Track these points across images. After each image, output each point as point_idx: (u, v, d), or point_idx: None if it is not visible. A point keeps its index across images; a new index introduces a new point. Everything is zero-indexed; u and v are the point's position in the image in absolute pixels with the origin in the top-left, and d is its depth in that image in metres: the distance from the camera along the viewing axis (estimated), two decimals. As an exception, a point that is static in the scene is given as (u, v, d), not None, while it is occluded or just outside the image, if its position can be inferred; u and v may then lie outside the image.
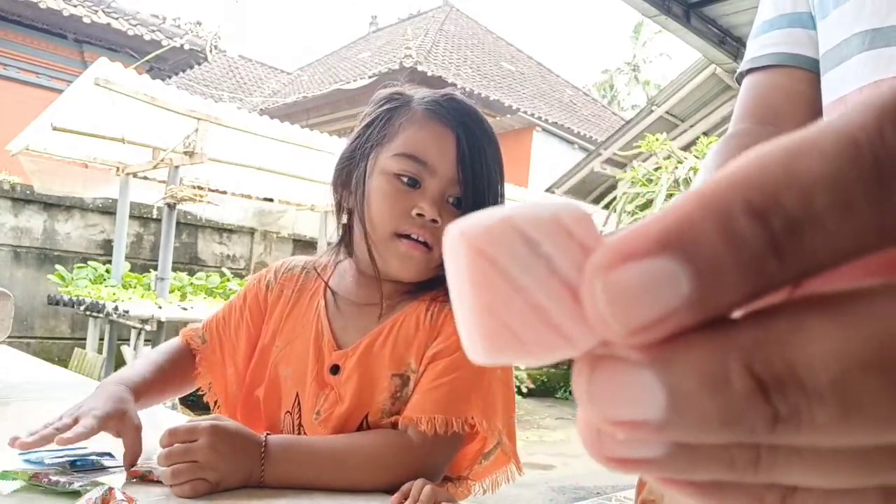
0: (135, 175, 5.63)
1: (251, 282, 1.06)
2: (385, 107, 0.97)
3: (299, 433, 0.94)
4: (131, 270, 5.69)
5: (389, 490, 0.82)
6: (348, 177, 0.95)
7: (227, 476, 0.78)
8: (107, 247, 6.09)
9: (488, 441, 0.90)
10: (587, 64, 70.30)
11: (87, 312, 4.76)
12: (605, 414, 0.13)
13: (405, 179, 0.89)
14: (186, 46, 9.45)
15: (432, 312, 0.92)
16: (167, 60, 9.55)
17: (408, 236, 0.89)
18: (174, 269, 5.25)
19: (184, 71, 10.59)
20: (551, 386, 9.36)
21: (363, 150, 0.94)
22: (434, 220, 0.88)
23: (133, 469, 0.82)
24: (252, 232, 6.97)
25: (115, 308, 4.36)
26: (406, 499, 0.79)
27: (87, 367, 4.98)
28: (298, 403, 0.94)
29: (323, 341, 0.95)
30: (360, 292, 0.97)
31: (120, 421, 0.84)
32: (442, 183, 0.89)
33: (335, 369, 0.93)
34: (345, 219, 0.98)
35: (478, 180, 0.90)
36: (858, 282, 0.13)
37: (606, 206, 8.01)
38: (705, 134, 8.36)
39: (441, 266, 0.85)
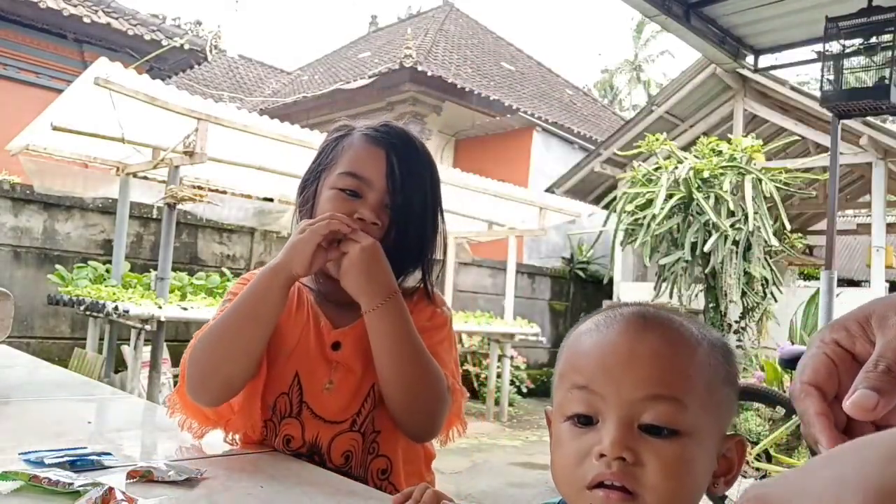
0: (135, 175, 5.63)
1: (236, 285, 1.14)
2: (333, 136, 1.15)
3: (300, 409, 1.04)
4: (131, 270, 5.69)
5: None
6: (305, 197, 1.13)
7: None
8: (107, 247, 6.08)
9: (461, 401, 1.11)
10: (587, 64, 70.27)
11: (87, 312, 4.76)
12: None
13: (348, 192, 1.06)
14: (186, 46, 9.45)
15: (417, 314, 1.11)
16: (167, 60, 9.55)
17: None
18: (174, 269, 5.25)
19: (184, 71, 10.59)
20: (551, 386, 9.35)
21: (315, 174, 1.12)
22: (374, 223, 1.04)
23: (133, 469, 0.82)
24: (252, 232, 6.96)
25: (115, 308, 4.36)
26: (408, 500, 0.79)
27: (87, 367, 4.98)
28: (298, 381, 1.05)
29: (321, 323, 1.08)
30: (339, 291, 1.05)
31: None
32: (379, 193, 1.06)
33: (336, 346, 1.06)
34: None
35: (406, 189, 1.07)
36: None
37: (606, 206, 8.01)
38: (705, 134, 8.35)
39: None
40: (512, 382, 7.69)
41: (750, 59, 4.94)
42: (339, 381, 1.04)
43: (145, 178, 5.76)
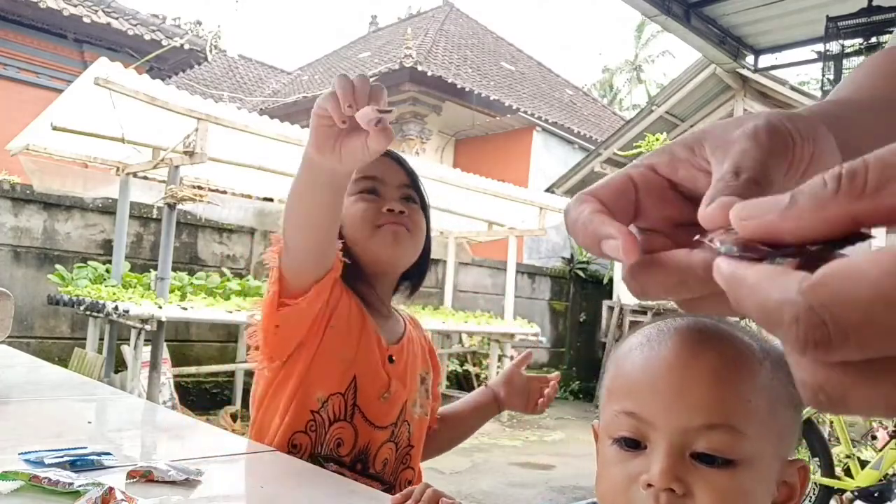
0: (135, 175, 5.63)
1: None
2: None
3: (353, 413, 1.07)
4: (131, 270, 5.69)
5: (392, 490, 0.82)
6: None
7: None
8: (107, 247, 6.08)
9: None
10: (587, 64, 70.25)
11: (87, 312, 4.76)
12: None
13: (367, 195, 1.13)
14: (186, 46, 9.45)
15: (421, 339, 1.24)
16: (167, 60, 9.55)
17: (386, 223, 1.11)
18: (174, 269, 5.25)
19: (184, 71, 10.59)
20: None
21: None
22: (402, 211, 1.12)
23: (133, 469, 0.82)
24: (252, 232, 6.96)
25: (115, 308, 4.36)
26: (408, 499, 0.79)
27: (87, 367, 4.98)
28: (355, 386, 1.08)
29: (377, 336, 1.13)
30: (382, 306, 1.17)
31: None
32: (394, 189, 1.15)
33: (391, 359, 1.13)
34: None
35: (418, 183, 1.21)
36: None
37: (606, 206, 8.00)
38: (705, 134, 8.35)
39: (419, 255, 1.18)
40: (512, 382, 7.67)
41: (750, 59, 4.94)
42: (393, 394, 1.12)
43: (145, 178, 5.76)
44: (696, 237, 0.31)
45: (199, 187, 5.06)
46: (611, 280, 9.28)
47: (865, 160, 0.21)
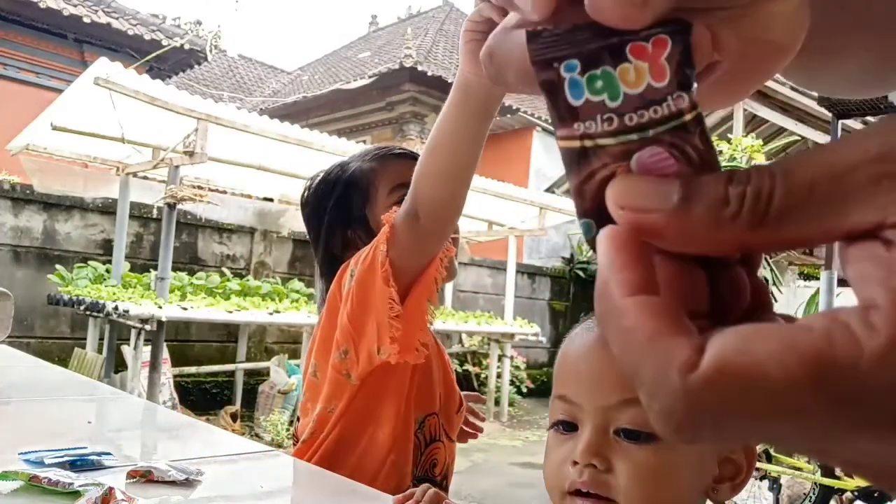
0: (135, 175, 5.64)
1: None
2: (344, 178, 1.13)
3: (442, 431, 1.04)
4: (131, 270, 5.69)
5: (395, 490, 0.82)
6: (346, 240, 1.10)
7: None
8: (107, 247, 6.08)
9: None
10: (587, 64, 70.23)
11: (87, 312, 4.76)
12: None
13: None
14: (186, 46, 9.45)
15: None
16: (167, 60, 9.55)
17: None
18: (174, 269, 5.25)
19: (184, 71, 10.59)
20: (551, 386, 9.34)
21: (341, 219, 1.10)
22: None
23: (133, 469, 0.82)
24: (252, 232, 6.96)
25: (115, 308, 4.36)
26: (409, 500, 0.79)
27: (87, 367, 4.98)
28: (441, 404, 1.05)
29: (441, 348, 1.11)
30: None
31: None
32: None
33: (452, 370, 1.13)
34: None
35: None
36: None
37: (606, 206, 8.01)
38: (705, 134, 8.35)
39: None
40: (512, 382, 7.69)
41: (750, 59, 4.95)
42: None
43: (145, 178, 5.76)
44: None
45: (199, 187, 5.06)
46: (611, 280, 9.28)
47: (773, 181, 0.19)
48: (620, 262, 0.20)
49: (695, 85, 0.21)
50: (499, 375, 7.16)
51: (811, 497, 3.83)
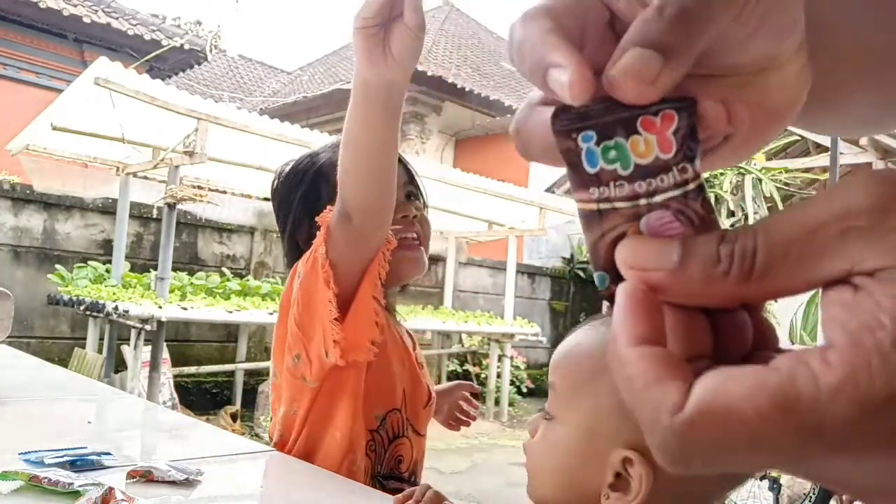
0: (135, 175, 5.63)
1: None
2: (314, 169, 1.11)
3: (406, 427, 1.03)
4: (131, 270, 5.69)
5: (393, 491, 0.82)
6: (311, 232, 1.03)
7: None
8: (107, 247, 6.08)
9: None
10: (587, 64, 70.15)
11: (87, 312, 4.76)
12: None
13: None
14: (186, 46, 9.45)
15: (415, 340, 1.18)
16: (167, 60, 9.55)
17: (403, 247, 1.04)
18: (174, 269, 5.25)
19: (184, 71, 10.59)
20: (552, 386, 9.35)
21: (317, 207, 1.04)
22: (414, 216, 1.08)
23: (133, 469, 0.82)
24: (252, 232, 6.96)
25: (115, 308, 4.36)
26: (409, 500, 0.79)
27: (86, 367, 4.98)
28: (405, 399, 1.04)
29: (408, 342, 1.09)
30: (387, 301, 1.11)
31: None
32: (399, 189, 1.07)
33: (421, 366, 1.10)
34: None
35: (413, 172, 1.15)
36: None
37: (606, 206, 8.00)
38: (705, 134, 8.35)
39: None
40: (512, 382, 7.69)
41: (750, 59, 4.94)
42: (432, 400, 1.10)
43: (145, 178, 5.76)
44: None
45: (199, 187, 5.06)
46: (611, 280, 9.28)
47: (755, 240, 0.21)
48: (627, 315, 0.23)
49: (699, 155, 0.24)
50: (499, 375, 7.16)
51: (811, 497, 3.83)
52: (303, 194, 1.09)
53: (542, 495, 0.61)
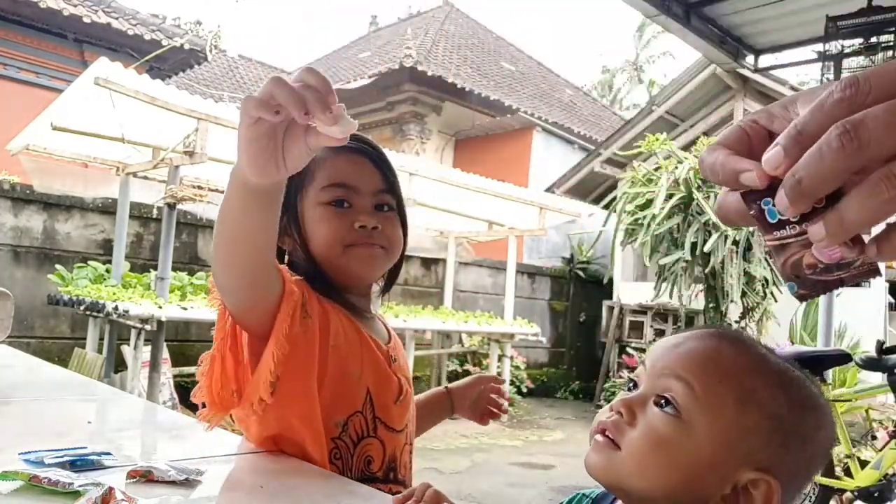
0: (135, 175, 5.64)
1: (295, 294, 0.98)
2: None
3: (375, 426, 1.00)
4: (131, 270, 5.69)
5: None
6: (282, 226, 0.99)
7: None
8: (107, 247, 6.08)
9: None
10: (587, 64, 70.26)
11: (87, 312, 4.76)
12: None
13: (335, 204, 1.02)
14: (186, 46, 9.45)
15: (391, 334, 1.14)
16: (167, 60, 9.55)
17: (358, 244, 1.01)
18: (174, 269, 5.25)
19: (184, 71, 10.59)
20: (551, 386, 9.35)
21: (287, 200, 0.93)
22: (375, 227, 1.02)
23: (133, 469, 0.82)
24: (252, 232, 6.96)
25: (115, 308, 4.36)
26: (409, 499, 0.79)
27: (86, 367, 4.98)
28: (370, 398, 1.01)
29: (372, 339, 1.05)
30: (349, 301, 1.08)
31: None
32: (367, 197, 1.04)
33: (393, 360, 1.07)
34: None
35: (396, 185, 1.09)
36: None
37: (606, 206, 8.01)
38: (705, 134, 8.36)
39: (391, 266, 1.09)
40: (512, 382, 7.69)
41: (750, 59, 4.94)
42: (405, 393, 1.07)
43: (145, 178, 5.76)
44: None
45: (199, 187, 5.06)
46: (611, 280, 9.28)
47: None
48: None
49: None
50: (499, 375, 7.16)
51: (811, 497, 3.83)
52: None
53: (643, 487, 0.61)
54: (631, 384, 0.67)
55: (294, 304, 0.91)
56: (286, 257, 1.06)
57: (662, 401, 0.61)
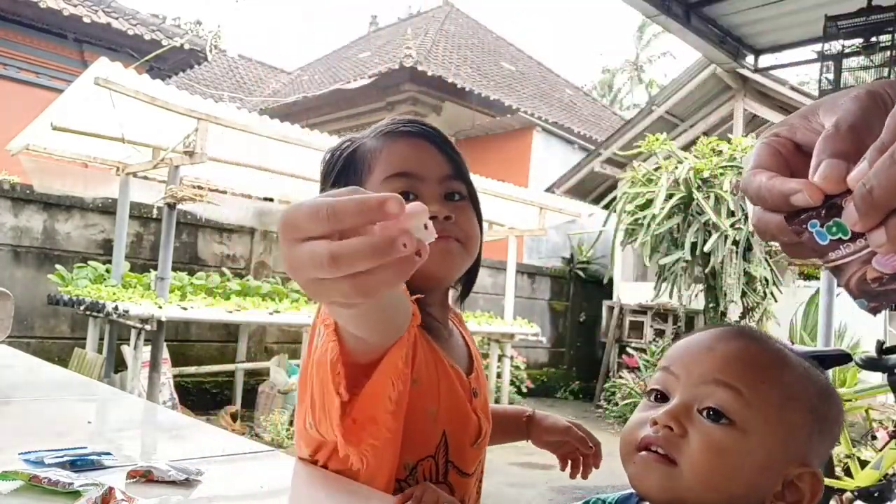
0: (135, 175, 5.64)
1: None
2: (342, 154, 0.96)
3: (446, 471, 0.89)
4: (131, 270, 5.69)
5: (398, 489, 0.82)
6: None
7: None
8: (107, 246, 6.08)
9: None
10: (587, 64, 70.26)
11: (87, 312, 4.76)
12: None
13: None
14: (186, 46, 9.45)
15: (467, 338, 1.03)
16: (167, 60, 9.55)
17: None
18: (174, 269, 5.25)
19: (184, 71, 10.59)
20: (551, 386, 9.36)
21: None
22: (448, 217, 0.88)
23: (133, 469, 0.82)
24: (252, 232, 6.96)
25: (115, 308, 4.36)
26: (409, 500, 0.79)
27: (86, 367, 4.98)
28: (445, 441, 0.89)
29: (453, 370, 0.92)
30: (426, 315, 0.92)
31: None
32: (434, 185, 0.91)
33: (475, 393, 0.96)
34: None
35: (464, 170, 0.96)
36: None
37: (606, 206, 8.01)
38: (705, 134, 8.35)
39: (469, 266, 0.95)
40: (512, 382, 7.69)
41: (750, 59, 4.94)
42: (484, 434, 0.95)
43: (145, 178, 5.76)
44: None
45: (199, 187, 5.06)
46: (611, 280, 9.28)
47: None
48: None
49: None
50: (499, 375, 7.16)
51: (811, 497, 3.82)
52: (334, 182, 0.94)
53: (705, 500, 0.60)
54: (656, 394, 0.65)
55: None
56: None
57: (711, 411, 0.60)
